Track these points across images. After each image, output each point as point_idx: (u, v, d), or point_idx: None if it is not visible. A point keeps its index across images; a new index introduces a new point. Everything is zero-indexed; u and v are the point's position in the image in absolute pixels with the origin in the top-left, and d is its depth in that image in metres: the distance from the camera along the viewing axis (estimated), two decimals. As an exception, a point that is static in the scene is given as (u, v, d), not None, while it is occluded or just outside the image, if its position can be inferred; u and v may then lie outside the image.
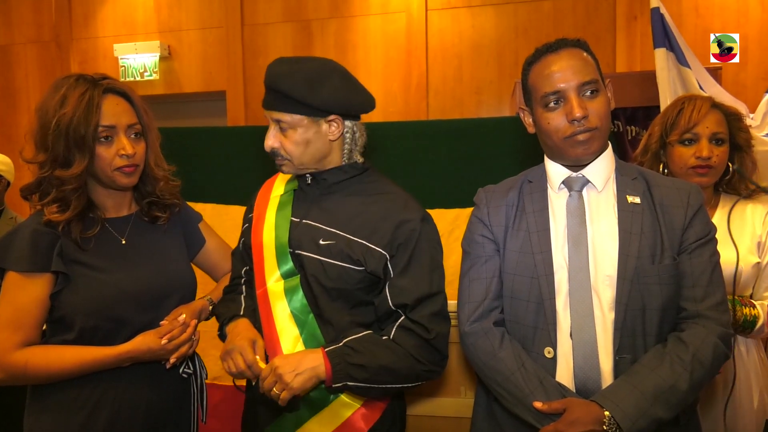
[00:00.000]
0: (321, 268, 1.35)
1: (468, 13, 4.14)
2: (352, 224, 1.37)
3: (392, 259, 1.35)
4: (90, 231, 1.32)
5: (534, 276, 1.28)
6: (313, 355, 1.29)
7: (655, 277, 1.23)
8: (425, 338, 1.32)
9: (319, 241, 1.37)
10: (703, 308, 1.23)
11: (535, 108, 1.31)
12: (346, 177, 1.44)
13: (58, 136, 1.26)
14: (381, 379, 1.30)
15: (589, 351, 1.23)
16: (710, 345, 1.20)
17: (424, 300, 1.34)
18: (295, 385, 1.25)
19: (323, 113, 1.36)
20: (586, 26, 3.93)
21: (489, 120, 3.07)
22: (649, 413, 1.14)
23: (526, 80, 1.34)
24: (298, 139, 1.36)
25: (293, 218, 1.44)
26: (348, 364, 1.28)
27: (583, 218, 1.29)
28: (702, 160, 1.59)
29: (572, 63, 1.26)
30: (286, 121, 1.36)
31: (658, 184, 1.31)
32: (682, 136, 1.63)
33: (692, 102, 1.65)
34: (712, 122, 1.61)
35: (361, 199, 1.41)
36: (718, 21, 3.76)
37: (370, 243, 1.35)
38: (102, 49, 4.74)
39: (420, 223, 1.37)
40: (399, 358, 1.31)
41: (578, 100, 1.24)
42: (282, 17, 4.42)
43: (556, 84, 1.25)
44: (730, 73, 3.54)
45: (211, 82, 4.58)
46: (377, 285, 1.38)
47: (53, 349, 1.27)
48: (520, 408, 1.24)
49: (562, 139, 1.27)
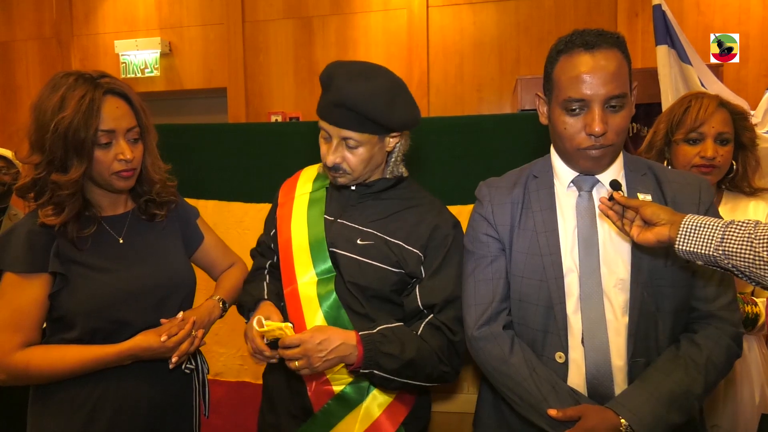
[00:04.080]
0: (358, 268, 1.36)
1: (469, 10, 4.14)
2: (389, 227, 1.39)
3: (426, 260, 1.37)
4: (86, 230, 1.31)
5: (543, 279, 1.24)
6: (347, 341, 1.28)
7: (668, 280, 1.20)
8: (450, 339, 1.34)
9: (357, 241, 1.38)
10: (715, 308, 1.21)
11: (554, 105, 1.23)
12: (386, 187, 1.45)
13: (56, 139, 1.22)
14: (406, 372, 1.31)
15: (602, 356, 1.20)
16: (724, 347, 1.18)
17: (451, 302, 1.35)
18: (320, 369, 1.27)
19: (387, 131, 1.38)
20: (588, 23, 3.90)
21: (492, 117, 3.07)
22: (665, 419, 1.13)
23: (551, 69, 1.24)
24: (365, 156, 1.37)
25: (327, 216, 1.44)
26: (380, 352, 1.28)
27: (594, 219, 1.25)
28: (706, 160, 1.59)
29: (606, 70, 1.15)
30: (357, 139, 1.35)
31: (668, 180, 1.27)
32: (688, 135, 1.62)
33: (699, 101, 1.64)
34: (718, 122, 1.60)
35: (397, 203, 1.43)
36: (719, 19, 3.75)
37: (407, 245, 1.37)
38: (103, 45, 4.74)
39: (453, 230, 1.40)
40: (426, 354, 1.32)
41: (601, 114, 1.16)
42: (283, 14, 4.41)
43: (583, 91, 1.16)
44: (732, 70, 3.54)
45: (211, 79, 4.58)
46: (406, 287, 1.39)
47: (54, 349, 1.27)
48: (533, 414, 1.21)
49: (575, 149, 1.22)
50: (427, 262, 1.36)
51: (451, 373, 1.37)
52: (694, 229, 1.06)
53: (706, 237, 1.04)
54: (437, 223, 1.38)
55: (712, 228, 1.04)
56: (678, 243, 1.07)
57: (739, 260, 1.01)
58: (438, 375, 1.34)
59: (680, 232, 1.07)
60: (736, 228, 1.03)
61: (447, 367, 1.34)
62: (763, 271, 0.99)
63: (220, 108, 4.61)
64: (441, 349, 1.33)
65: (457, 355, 1.36)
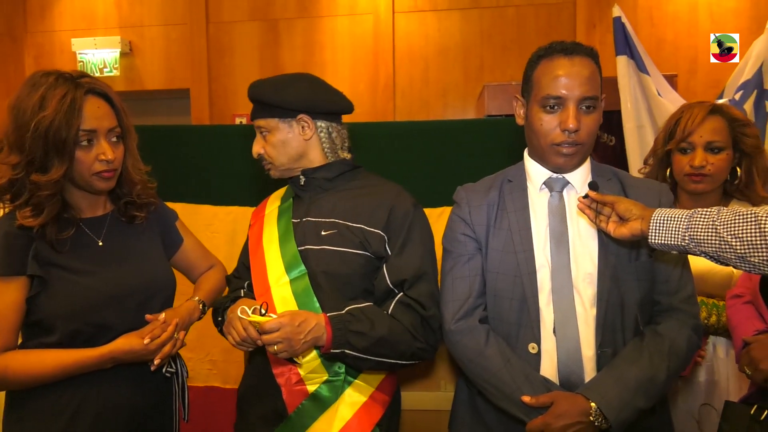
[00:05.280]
0: (324, 257, 1.41)
1: (434, 17, 4.21)
2: (350, 213, 1.45)
3: (389, 240, 1.42)
4: (65, 232, 1.28)
5: (517, 274, 1.32)
6: (319, 322, 1.33)
7: (632, 274, 1.29)
8: (422, 315, 1.38)
9: (321, 233, 1.43)
10: (676, 301, 1.31)
11: (532, 104, 1.33)
12: (336, 174, 1.51)
13: (36, 138, 1.20)
14: (378, 351, 1.34)
15: (572, 346, 1.27)
16: (684, 337, 1.27)
17: (420, 277, 1.40)
18: (299, 351, 1.32)
19: (291, 113, 1.47)
20: (548, 32, 4.05)
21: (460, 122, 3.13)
22: (632, 404, 1.21)
23: (531, 72, 1.34)
24: (275, 141, 1.48)
25: (294, 220, 1.50)
26: (349, 331, 1.32)
27: (564, 218, 1.33)
28: (695, 169, 1.63)
29: (581, 74, 1.27)
30: (263, 126, 1.48)
31: (631, 185, 1.37)
32: (679, 145, 1.67)
33: (690, 110, 1.67)
34: (706, 131, 1.63)
35: (355, 192, 1.49)
36: (671, 31, 3.94)
37: (368, 227, 1.42)
38: (59, 43, 4.58)
39: (413, 208, 1.46)
40: (398, 331, 1.36)
41: (575, 112, 1.27)
42: (248, 15, 4.38)
43: (560, 89, 1.27)
44: (683, 80, 3.72)
45: (174, 80, 4.49)
46: (377, 271, 1.43)
47: (33, 354, 1.24)
48: (507, 403, 1.28)
49: (549, 145, 1.31)
50: (391, 242, 1.43)
51: (427, 349, 1.41)
52: (664, 221, 1.14)
53: (675, 228, 1.13)
54: (395, 203, 1.45)
55: (678, 219, 1.13)
56: (650, 236, 1.15)
57: (707, 246, 1.10)
58: (413, 352, 1.38)
59: (651, 226, 1.15)
60: (700, 216, 1.11)
61: (422, 343, 1.39)
62: (729, 254, 1.07)
63: (182, 109, 4.53)
64: (413, 326, 1.37)
65: (432, 331, 1.40)
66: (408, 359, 1.39)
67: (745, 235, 1.04)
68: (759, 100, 2.56)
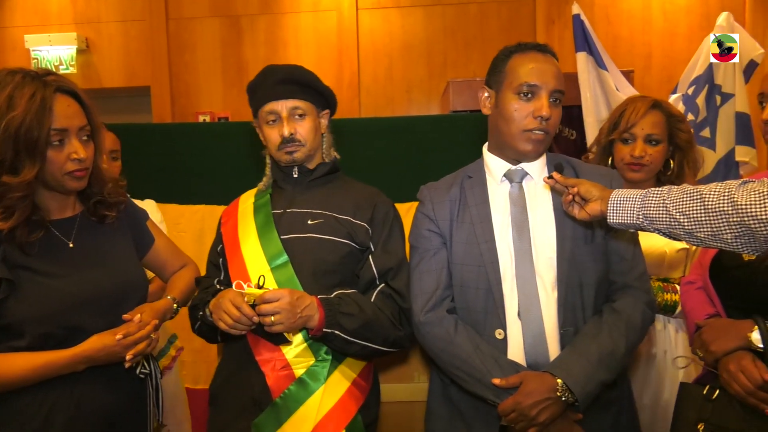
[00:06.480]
0: (309, 244, 1.46)
1: (398, 14, 4.24)
2: (337, 206, 1.52)
3: (373, 234, 1.51)
4: (34, 234, 1.25)
5: (481, 264, 1.38)
6: (311, 300, 1.38)
7: (589, 255, 1.37)
8: (400, 306, 1.46)
9: (307, 222, 1.49)
10: (629, 279, 1.39)
11: (505, 92, 1.39)
12: (326, 172, 1.59)
13: (6, 140, 1.17)
14: (365, 334, 1.40)
15: (537, 328, 1.34)
16: (639, 312, 1.36)
17: (403, 267, 1.49)
18: (295, 326, 1.36)
19: (324, 105, 1.58)
20: (509, 29, 4.13)
21: (425, 117, 3.17)
22: (595, 377, 1.28)
23: (503, 64, 1.41)
24: (311, 126, 1.54)
25: (276, 211, 1.54)
26: (339, 312, 1.38)
27: (525, 207, 1.41)
28: (635, 159, 1.75)
29: (553, 69, 1.38)
30: (301, 107, 1.52)
31: (584, 172, 1.44)
32: (622, 135, 1.78)
33: (633, 104, 1.79)
34: (647, 124, 1.75)
35: (339, 188, 1.58)
36: (626, 29, 4.08)
37: (355, 219, 1.51)
38: (11, 40, 4.43)
39: (391, 208, 1.58)
40: (381, 317, 1.43)
41: (548, 102, 1.36)
42: (209, 11, 4.32)
43: (536, 78, 1.35)
44: (638, 76, 3.85)
45: (133, 77, 4.40)
46: (358, 263, 1.50)
47: (2, 358, 1.21)
48: (479, 387, 1.33)
49: (521, 131, 1.38)
50: (375, 235, 1.52)
51: (404, 338, 1.48)
52: (620, 202, 1.21)
53: (630, 207, 1.20)
54: (377, 202, 1.56)
55: (633, 199, 1.20)
56: (609, 216, 1.22)
57: (659, 224, 1.17)
58: (394, 340, 1.45)
59: (609, 206, 1.22)
60: (653, 195, 1.18)
61: (401, 331, 1.46)
62: (678, 230, 1.14)
63: (143, 107, 4.44)
64: (393, 315, 1.45)
65: (408, 323, 1.47)
66: (390, 346, 1.45)
67: (691, 212, 1.11)
68: (710, 94, 2.68)
